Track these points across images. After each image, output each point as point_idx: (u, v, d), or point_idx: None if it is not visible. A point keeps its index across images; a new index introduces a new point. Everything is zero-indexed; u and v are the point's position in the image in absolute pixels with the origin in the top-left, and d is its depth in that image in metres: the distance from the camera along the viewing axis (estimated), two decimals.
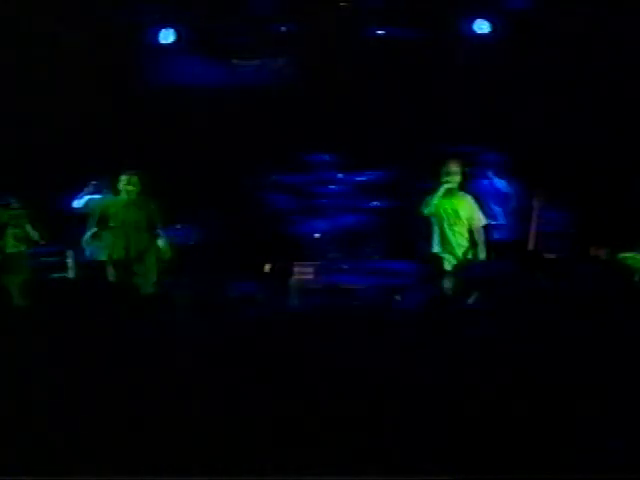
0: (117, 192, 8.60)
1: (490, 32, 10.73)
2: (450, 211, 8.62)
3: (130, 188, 8.44)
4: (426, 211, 8.59)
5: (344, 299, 9.02)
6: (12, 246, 8.84)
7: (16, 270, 8.67)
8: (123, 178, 8.46)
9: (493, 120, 10.27)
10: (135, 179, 8.47)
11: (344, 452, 3.08)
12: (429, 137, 10.08)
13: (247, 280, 9.03)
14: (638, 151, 9.69)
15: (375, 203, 10.19)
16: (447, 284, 8.11)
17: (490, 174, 9.40)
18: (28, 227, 8.88)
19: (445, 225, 8.61)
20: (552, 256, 9.04)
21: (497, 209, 9.31)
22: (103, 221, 8.46)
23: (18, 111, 9.98)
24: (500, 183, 9.41)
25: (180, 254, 8.95)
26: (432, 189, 8.65)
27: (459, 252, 8.55)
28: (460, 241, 8.59)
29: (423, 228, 8.77)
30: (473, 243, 8.61)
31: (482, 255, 8.56)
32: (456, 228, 8.61)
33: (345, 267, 9.92)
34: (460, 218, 8.62)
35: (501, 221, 9.29)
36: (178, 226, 9.75)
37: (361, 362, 3.53)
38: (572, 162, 9.81)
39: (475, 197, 8.77)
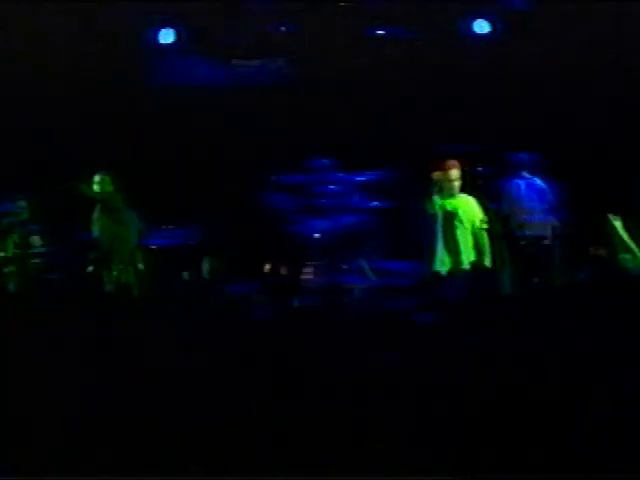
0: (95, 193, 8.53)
1: (490, 32, 10.73)
2: (452, 213, 8.58)
3: (105, 188, 8.42)
4: (429, 212, 8.55)
5: (344, 299, 9.00)
6: (12, 252, 8.81)
7: (17, 273, 8.65)
8: (96, 178, 8.44)
9: (493, 120, 10.26)
10: (108, 179, 8.44)
11: (345, 452, 3.08)
12: (429, 137, 10.07)
13: (247, 280, 9.02)
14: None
15: (375, 203, 10.17)
16: (450, 286, 8.08)
17: (524, 173, 9.14)
18: (28, 233, 8.85)
19: (448, 227, 8.56)
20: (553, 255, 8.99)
21: (534, 206, 9.05)
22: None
23: (17, 111, 9.98)
24: (536, 181, 9.16)
25: (180, 254, 8.94)
26: (433, 190, 8.62)
27: (463, 255, 8.49)
28: (464, 244, 8.54)
29: (424, 229, 8.75)
30: (477, 246, 8.56)
31: (486, 259, 8.49)
32: (459, 230, 8.56)
33: (345, 267, 9.90)
34: (462, 220, 8.58)
35: (538, 218, 9.05)
36: (177, 226, 9.74)
37: (361, 362, 3.53)
38: (571, 161, 9.79)
39: (481, 199, 8.70)
